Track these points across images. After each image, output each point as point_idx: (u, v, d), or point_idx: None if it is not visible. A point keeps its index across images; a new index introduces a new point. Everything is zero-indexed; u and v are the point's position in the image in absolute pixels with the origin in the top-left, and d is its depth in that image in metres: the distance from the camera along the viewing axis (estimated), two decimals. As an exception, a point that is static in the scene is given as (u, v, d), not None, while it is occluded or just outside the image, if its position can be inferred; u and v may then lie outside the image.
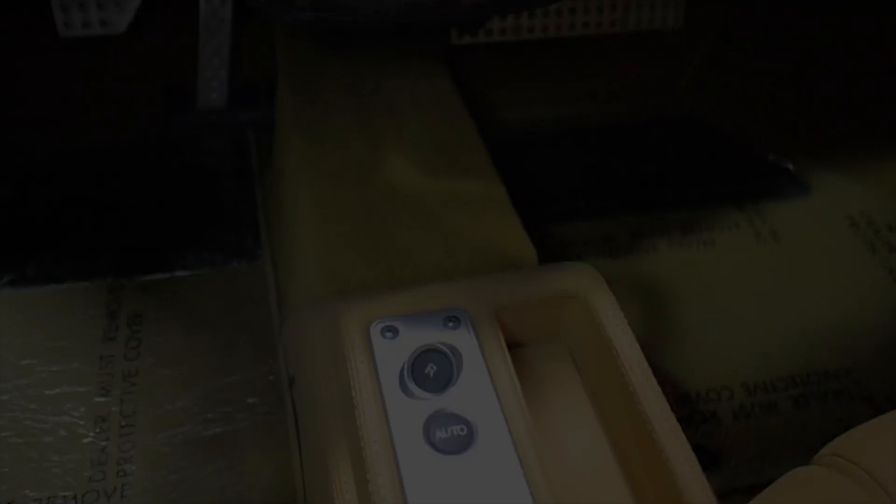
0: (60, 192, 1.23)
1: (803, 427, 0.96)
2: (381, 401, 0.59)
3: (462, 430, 0.58)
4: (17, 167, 1.26)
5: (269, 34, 1.27)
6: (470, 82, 1.30)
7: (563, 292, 0.69)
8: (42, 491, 0.84)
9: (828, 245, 1.20)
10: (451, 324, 0.65)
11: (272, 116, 1.25)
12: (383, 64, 1.09)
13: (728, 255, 1.17)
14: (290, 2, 0.65)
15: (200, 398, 0.94)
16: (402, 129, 0.97)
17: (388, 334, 0.63)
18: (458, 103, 1.02)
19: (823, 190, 1.28)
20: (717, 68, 1.45)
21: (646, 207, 1.22)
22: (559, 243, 1.15)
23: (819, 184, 1.29)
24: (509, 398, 0.61)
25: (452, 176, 0.91)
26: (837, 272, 1.16)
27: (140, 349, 0.99)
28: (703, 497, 0.55)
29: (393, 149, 0.94)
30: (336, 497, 0.60)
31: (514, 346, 0.71)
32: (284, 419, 0.92)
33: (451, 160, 0.93)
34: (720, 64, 1.44)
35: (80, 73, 1.31)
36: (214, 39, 1.27)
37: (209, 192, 1.23)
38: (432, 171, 0.91)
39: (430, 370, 0.60)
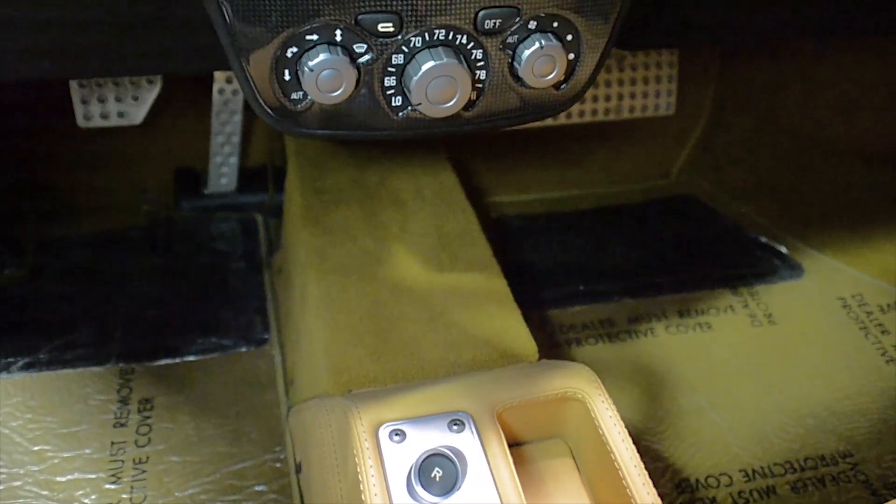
0: (74, 276, 1.26)
1: (802, 512, 0.98)
2: (389, 504, 0.62)
3: (467, 534, 0.60)
4: (32, 250, 1.30)
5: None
6: (469, 167, 1.35)
7: (562, 394, 0.71)
8: (52, 582, 0.86)
9: (822, 327, 1.23)
10: (455, 427, 0.67)
11: (280, 199, 1.30)
12: (388, 156, 1.14)
13: (724, 337, 1.19)
14: (297, 120, 0.69)
15: (209, 486, 0.96)
16: (407, 222, 1.01)
17: (396, 437, 0.66)
18: (460, 196, 1.07)
19: (816, 272, 1.31)
20: (709, 152, 1.50)
21: (643, 290, 1.25)
22: (559, 327, 1.18)
23: (811, 265, 1.32)
24: (512, 501, 0.63)
25: (455, 269, 0.94)
26: (832, 354, 1.18)
27: (150, 435, 1.02)
28: None
29: (398, 242, 0.98)
30: None
31: (515, 444, 0.73)
32: (291, 507, 0.94)
33: (453, 253, 0.97)
34: (712, 148, 1.49)
35: (94, 158, 1.36)
36: (226, 128, 1.33)
37: (218, 275, 1.26)
38: (436, 264, 0.95)
39: (437, 474, 0.63)
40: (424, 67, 0.65)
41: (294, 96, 0.67)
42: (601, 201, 1.43)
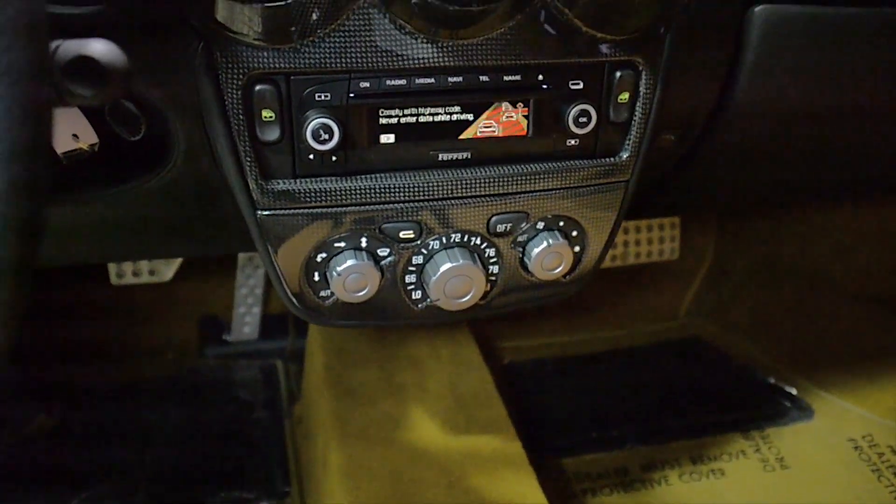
0: (101, 426, 1.30)
1: None
2: None
3: None
4: (62, 399, 1.34)
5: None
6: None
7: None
8: None
9: (834, 470, 1.24)
10: None
11: (301, 345, 1.34)
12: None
13: (737, 484, 1.21)
14: (322, 312, 0.75)
15: None
16: (425, 383, 1.05)
17: None
18: (475, 354, 1.11)
19: (825, 413, 1.33)
20: (713, 294, 1.55)
21: (655, 436, 1.27)
22: (574, 476, 1.20)
23: (821, 406, 1.34)
24: None
25: (472, 432, 0.98)
26: (846, 500, 1.19)
27: None
28: None
29: (416, 404, 1.02)
30: None
31: None
32: None
33: (469, 415, 1.01)
34: (716, 289, 1.55)
35: (123, 309, 1.42)
36: (249, 281, 1.39)
37: (240, 425, 1.30)
38: (453, 427, 0.98)
39: None
40: (442, 268, 0.71)
41: (322, 294, 0.73)
42: (610, 344, 1.47)
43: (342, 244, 0.70)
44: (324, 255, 0.70)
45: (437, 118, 0.67)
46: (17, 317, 0.39)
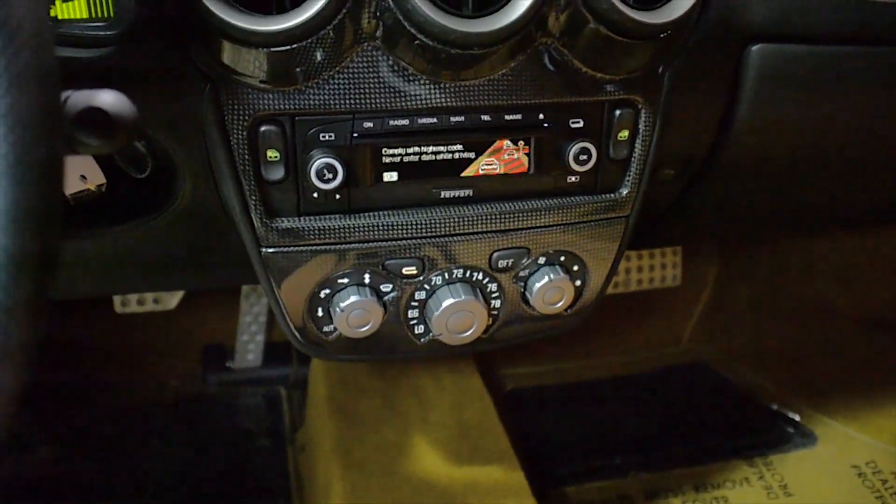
0: (103, 455, 1.30)
1: None
2: None
3: None
4: (64, 427, 1.34)
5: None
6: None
7: None
8: None
9: (838, 497, 1.23)
10: None
11: (304, 373, 1.35)
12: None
13: (741, 512, 1.21)
14: (325, 347, 0.75)
15: None
16: (427, 413, 1.06)
17: None
18: (478, 383, 1.12)
19: (829, 439, 1.33)
20: (716, 320, 1.55)
21: (658, 464, 1.27)
22: (578, 505, 1.20)
23: (824, 433, 1.34)
24: None
25: (475, 462, 0.98)
26: (850, 528, 1.19)
27: None
28: None
29: (419, 433, 1.02)
30: None
31: None
32: None
33: (472, 444, 1.01)
34: (719, 315, 1.55)
35: (127, 335, 1.43)
36: (253, 309, 1.40)
37: (243, 452, 1.30)
38: (455, 456, 0.99)
39: None
40: (445, 304, 0.71)
41: (325, 329, 0.73)
42: (612, 371, 1.47)
43: (345, 280, 0.70)
44: (327, 291, 0.71)
45: (440, 157, 0.68)
46: (29, 359, 0.39)
